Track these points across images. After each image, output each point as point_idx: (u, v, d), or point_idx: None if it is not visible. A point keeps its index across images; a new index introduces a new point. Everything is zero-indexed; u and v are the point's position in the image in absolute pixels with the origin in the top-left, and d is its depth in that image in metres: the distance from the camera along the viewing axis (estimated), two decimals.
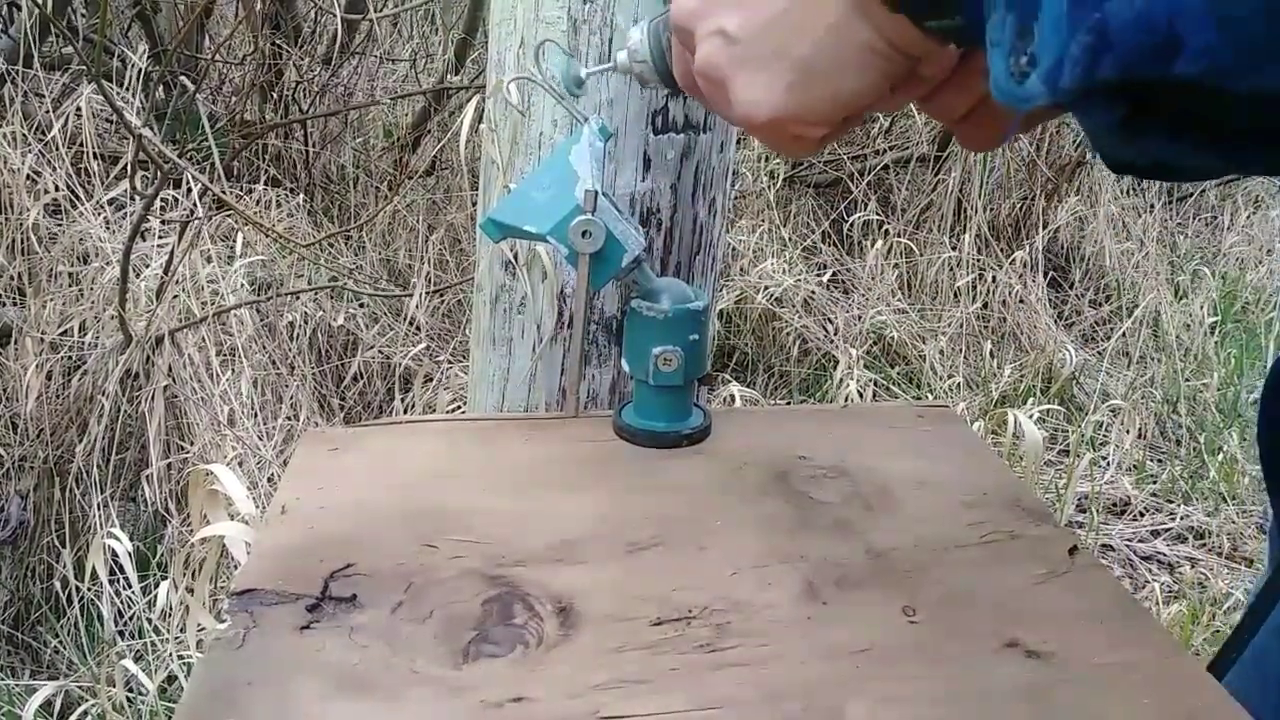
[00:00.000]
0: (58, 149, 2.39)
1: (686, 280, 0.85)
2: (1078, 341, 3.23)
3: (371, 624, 0.52)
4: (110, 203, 2.45)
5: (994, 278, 3.26)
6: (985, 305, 3.24)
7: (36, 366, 2.19)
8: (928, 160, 3.58)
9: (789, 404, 2.79)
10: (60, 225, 2.46)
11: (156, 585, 1.77)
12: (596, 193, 0.67)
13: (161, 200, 2.38)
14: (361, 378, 2.54)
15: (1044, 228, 3.47)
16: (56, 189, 2.42)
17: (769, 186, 3.33)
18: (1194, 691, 0.50)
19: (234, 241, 2.49)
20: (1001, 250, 3.39)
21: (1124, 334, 3.11)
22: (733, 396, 2.41)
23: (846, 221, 3.44)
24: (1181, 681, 0.51)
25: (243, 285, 2.44)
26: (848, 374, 2.63)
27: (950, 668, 0.51)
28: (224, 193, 2.28)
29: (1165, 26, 0.30)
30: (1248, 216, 4.19)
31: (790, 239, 3.34)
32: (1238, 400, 2.96)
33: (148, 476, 2.07)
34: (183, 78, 2.69)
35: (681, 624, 0.53)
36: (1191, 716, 0.49)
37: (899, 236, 3.33)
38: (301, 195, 2.91)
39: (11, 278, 2.38)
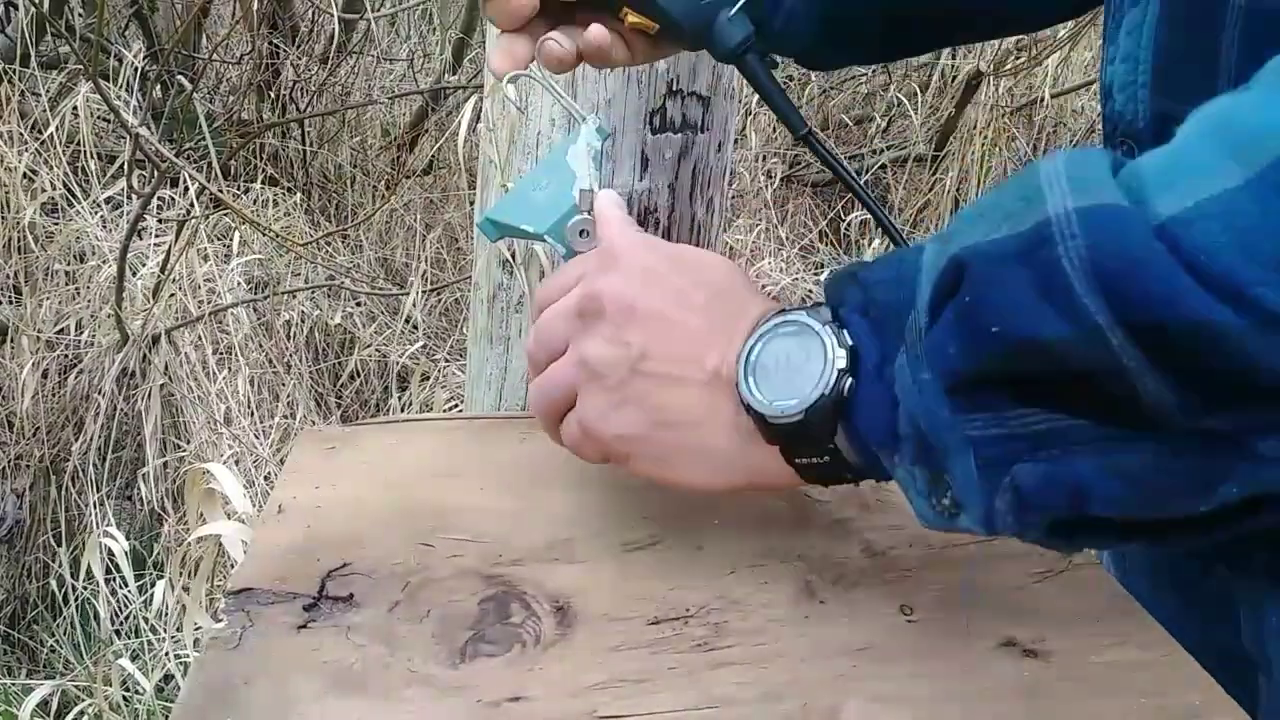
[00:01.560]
0: (55, 148, 2.39)
1: None
2: None
3: (368, 623, 0.52)
4: (107, 201, 2.45)
5: None
6: None
7: (33, 365, 2.19)
8: (925, 160, 3.59)
9: None
10: (57, 224, 2.45)
11: (153, 584, 1.77)
12: (593, 192, 0.67)
13: (158, 199, 2.38)
14: (358, 376, 2.54)
15: None
16: (53, 187, 2.41)
17: (766, 186, 3.33)
18: (1191, 690, 0.50)
19: (231, 240, 2.49)
20: None
21: None
22: None
23: (844, 220, 3.44)
24: (1179, 680, 0.51)
25: (239, 284, 2.44)
26: None
27: (948, 666, 0.51)
28: (221, 191, 2.28)
29: (1069, 484, 0.35)
30: None
31: (788, 238, 3.34)
32: None
33: (144, 475, 2.07)
34: (180, 77, 2.68)
35: (679, 623, 0.53)
36: (1189, 715, 0.49)
37: None
38: (299, 194, 2.91)
39: (8, 276, 2.38)
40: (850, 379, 0.42)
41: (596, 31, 0.60)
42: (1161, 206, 0.33)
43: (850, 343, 0.42)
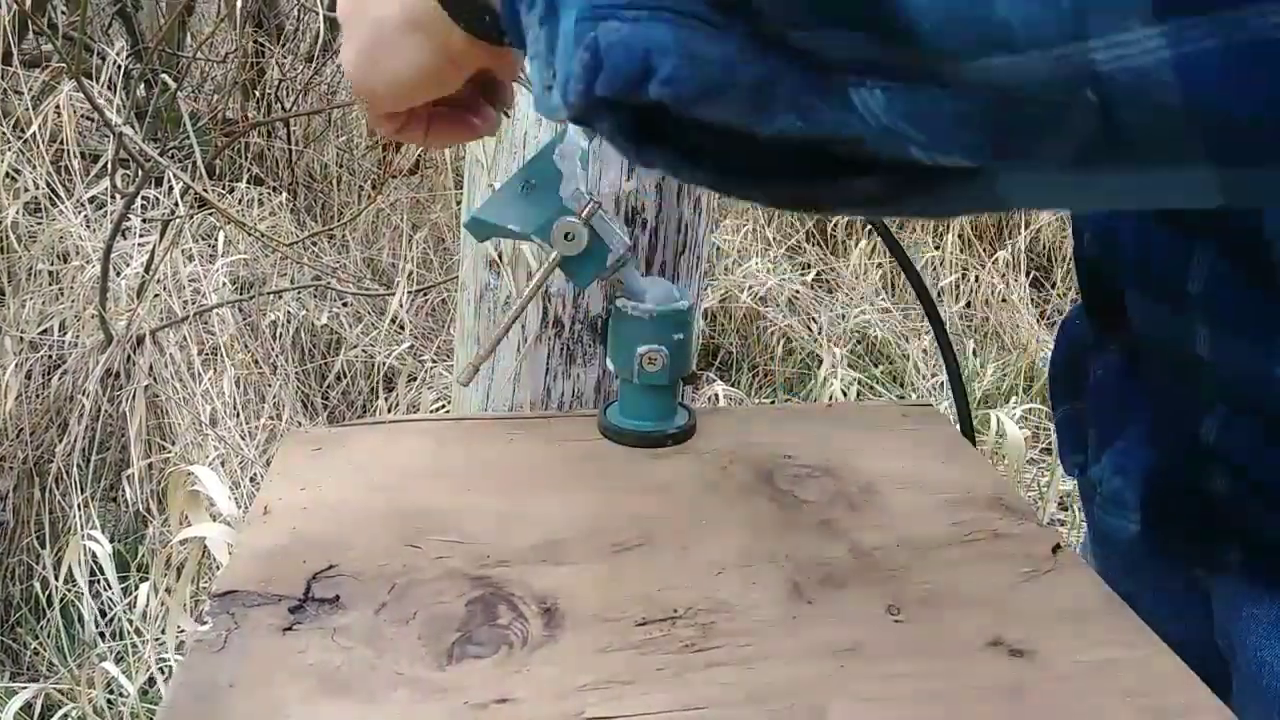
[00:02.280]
0: (37, 147, 2.38)
1: (671, 280, 0.85)
2: None
3: (355, 625, 0.52)
4: (91, 201, 2.44)
5: (977, 277, 3.27)
6: (968, 305, 3.26)
7: (16, 366, 2.17)
8: None
9: (773, 403, 2.80)
10: (40, 223, 2.44)
11: (137, 587, 1.76)
12: (591, 200, 0.67)
13: (143, 198, 2.36)
14: (345, 377, 2.53)
15: (1026, 228, 3.49)
16: (36, 187, 2.40)
17: None
18: (1176, 689, 0.50)
19: (216, 240, 2.48)
20: (984, 250, 3.41)
21: None
22: (717, 396, 2.42)
23: (830, 221, 3.45)
24: (1164, 679, 0.51)
25: (225, 284, 2.42)
26: (832, 373, 2.64)
27: (934, 666, 0.51)
28: (206, 191, 2.27)
29: (641, 51, 0.32)
30: None
31: (774, 239, 3.35)
32: None
33: (128, 477, 2.06)
34: (164, 75, 2.67)
35: (666, 624, 0.53)
36: (1174, 714, 0.49)
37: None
38: (284, 194, 2.90)
39: None
40: None
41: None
42: None
43: None
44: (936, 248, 3.32)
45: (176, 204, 2.34)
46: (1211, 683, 0.51)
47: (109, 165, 2.15)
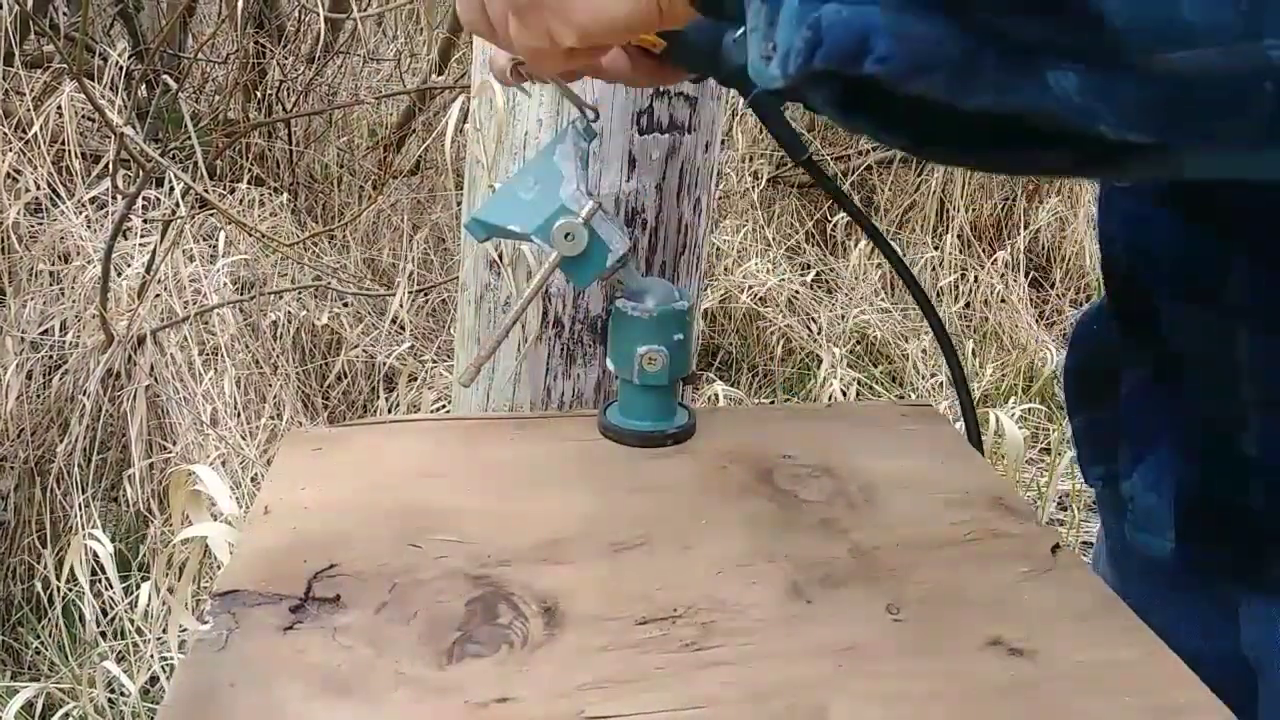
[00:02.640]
0: (39, 147, 2.38)
1: (671, 280, 0.85)
2: (1059, 341, 3.24)
3: (355, 625, 0.52)
4: (92, 201, 2.44)
5: (976, 278, 3.27)
6: (968, 305, 3.26)
7: (17, 366, 2.17)
8: (910, 161, 3.59)
9: (773, 403, 2.80)
10: (41, 224, 2.44)
11: (138, 586, 1.76)
12: (591, 200, 0.67)
13: (144, 199, 2.36)
14: (345, 377, 2.53)
15: (1025, 228, 3.49)
16: (37, 187, 2.40)
17: (753, 187, 3.34)
18: (1176, 688, 0.50)
19: (217, 240, 2.48)
20: (983, 250, 3.41)
21: None
22: (717, 396, 2.42)
23: (830, 221, 3.45)
24: (1163, 679, 0.51)
25: (226, 284, 2.42)
26: (831, 373, 2.64)
27: (933, 666, 0.51)
28: (207, 191, 2.27)
29: (859, 32, 0.35)
30: None
31: (774, 239, 3.35)
32: None
33: (129, 476, 2.06)
34: (165, 76, 2.67)
35: (666, 623, 0.53)
36: (1174, 713, 0.49)
37: (884, 234, 3.33)
38: (285, 194, 2.90)
39: None
40: None
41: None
42: None
43: None
44: (936, 248, 3.32)
45: (177, 204, 2.34)
46: (1237, 693, 0.51)
47: (110, 166, 2.15)
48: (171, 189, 2.30)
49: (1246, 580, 0.63)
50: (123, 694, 1.65)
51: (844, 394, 2.57)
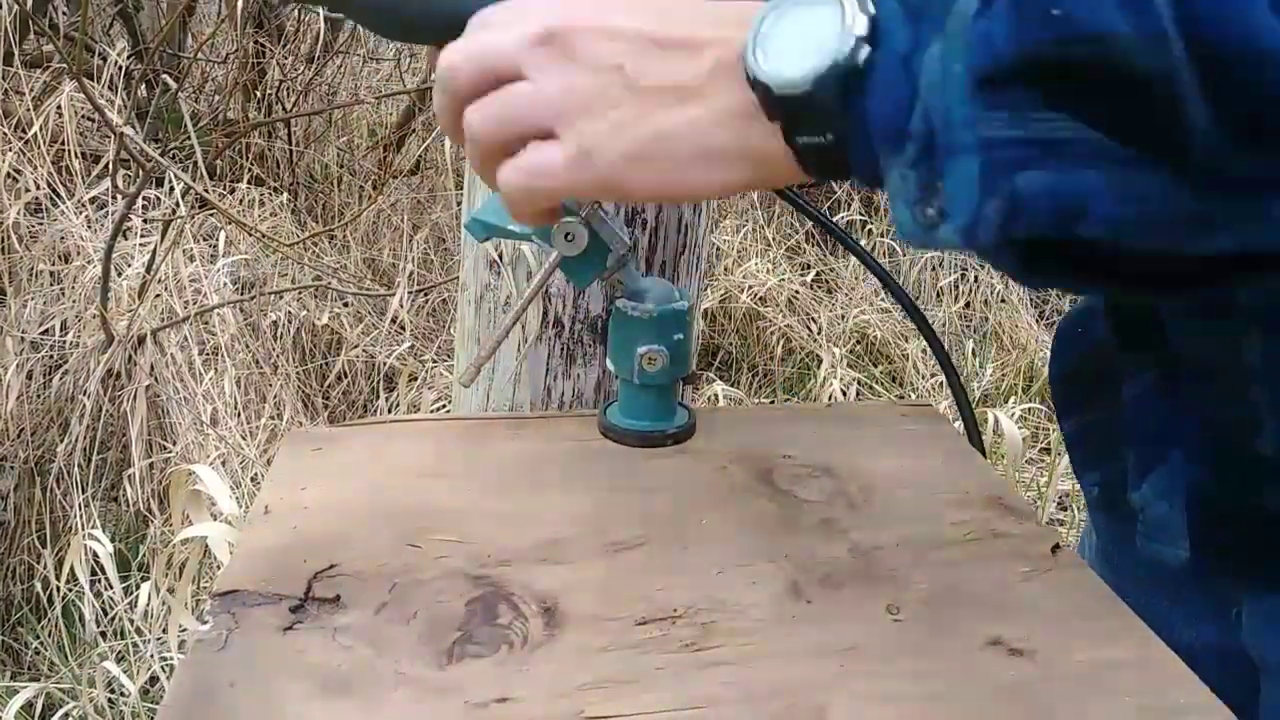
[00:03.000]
0: (39, 147, 2.38)
1: (671, 280, 0.85)
2: None
3: (355, 625, 0.52)
4: (92, 201, 2.44)
5: (976, 277, 3.27)
6: (968, 305, 3.26)
7: (17, 366, 2.17)
8: None
9: (773, 403, 2.80)
10: (41, 224, 2.44)
11: (138, 586, 1.76)
12: (591, 200, 0.66)
13: (144, 199, 2.37)
14: (345, 377, 2.53)
15: None
16: (37, 187, 2.40)
17: None
18: (1177, 688, 0.50)
19: (217, 240, 2.48)
20: None
21: None
22: (717, 395, 2.42)
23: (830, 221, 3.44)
24: (1164, 679, 0.51)
25: (226, 284, 2.43)
26: (831, 373, 2.64)
27: (933, 666, 0.51)
28: (207, 191, 2.27)
29: (1070, 195, 0.34)
30: None
31: (774, 239, 3.35)
32: None
33: (129, 476, 2.06)
34: (165, 76, 2.67)
35: (666, 623, 0.53)
36: (1174, 713, 0.49)
37: (882, 236, 3.34)
38: (285, 194, 2.90)
39: None
40: (868, 49, 0.39)
41: None
42: None
43: (873, 11, 0.39)
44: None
45: (177, 204, 2.34)
46: (1236, 691, 0.50)
47: (110, 165, 2.15)
48: (171, 189, 2.30)
49: (1262, 580, 0.62)
50: (122, 694, 1.65)
51: (844, 394, 2.57)
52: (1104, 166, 0.34)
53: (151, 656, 1.68)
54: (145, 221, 2.43)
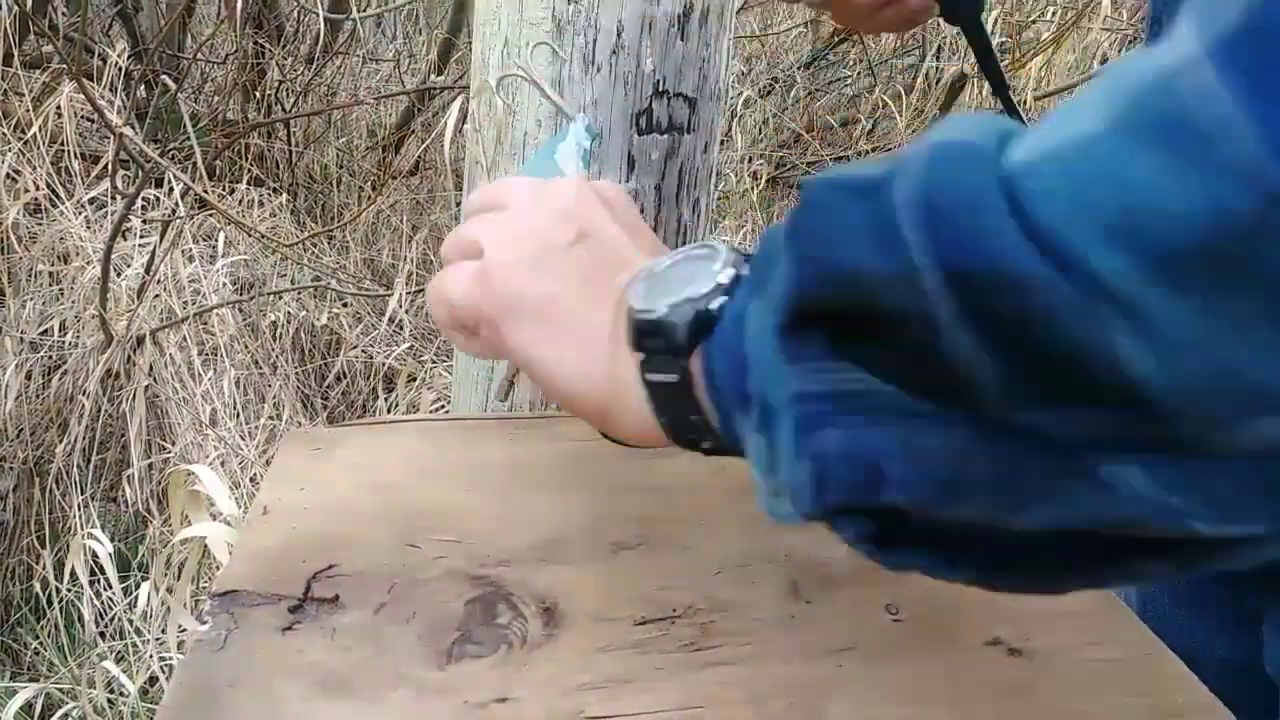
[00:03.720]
0: (38, 147, 2.38)
1: None
2: None
3: (354, 625, 0.52)
4: (91, 202, 2.44)
5: None
6: None
7: (16, 366, 2.17)
8: None
9: None
10: (40, 224, 2.44)
11: (137, 586, 1.76)
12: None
13: (143, 199, 2.37)
14: (345, 377, 2.53)
15: None
16: (36, 188, 2.40)
17: (752, 187, 3.33)
18: (1177, 689, 0.50)
19: (216, 241, 2.48)
20: None
21: None
22: None
23: None
24: (1164, 679, 0.51)
25: (225, 285, 2.43)
26: None
27: (934, 666, 0.51)
28: (206, 192, 2.27)
29: (865, 459, 0.31)
30: None
31: None
32: None
33: (128, 477, 2.06)
34: (164, 76, 2.67)
35: (666, 623, 0.53)
36: (1174, 714, 0.49)
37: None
38: (284, 195, 2.90)
39: None
40: (724, 299, 0.38)
41: None
42: (1020, 150, 0.28)
43: (745, 271, 0.38)
44: None
45: (177, 205, 2.34)
46: (1252, 708, 0.50)
47: (109, 166, 2.15)
48: (171, 189, 2.30)
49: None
50: (122, 694, 1.65)
51: None
52: (895, 422, 0.30)
53: (151, 657, 1.68)
54: (144, 222, 2.43)
